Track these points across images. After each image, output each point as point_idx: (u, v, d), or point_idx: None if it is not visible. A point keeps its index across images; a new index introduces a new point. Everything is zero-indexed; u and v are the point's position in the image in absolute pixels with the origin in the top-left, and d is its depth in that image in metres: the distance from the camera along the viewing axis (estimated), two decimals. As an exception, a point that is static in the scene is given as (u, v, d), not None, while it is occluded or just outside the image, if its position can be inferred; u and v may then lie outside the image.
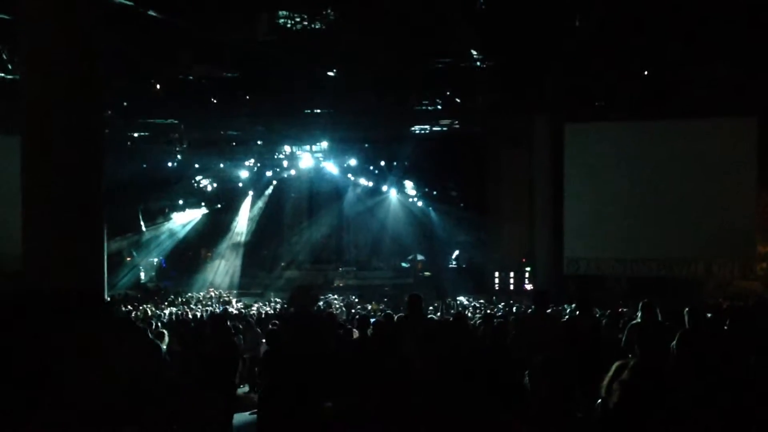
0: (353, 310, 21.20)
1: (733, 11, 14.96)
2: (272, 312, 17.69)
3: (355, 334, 9.07)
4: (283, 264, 35.62)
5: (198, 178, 34.79)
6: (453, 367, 2.79)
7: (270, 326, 10.94)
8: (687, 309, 6.98)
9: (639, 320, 7.56)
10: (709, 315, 9.14)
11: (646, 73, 19.14)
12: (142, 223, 32.74)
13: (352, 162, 32.14)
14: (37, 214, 8.69)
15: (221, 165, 32.97)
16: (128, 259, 32.66)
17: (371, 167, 33.10)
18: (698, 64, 17.93)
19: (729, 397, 3.58)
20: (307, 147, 31.35)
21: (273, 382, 6.74)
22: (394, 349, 5.19)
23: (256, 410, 8.67)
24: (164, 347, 8.41)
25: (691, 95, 19.61)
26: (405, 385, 2.75)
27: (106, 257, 9.24)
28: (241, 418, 8.63)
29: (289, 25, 16.70)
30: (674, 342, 6.35)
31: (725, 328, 7.22)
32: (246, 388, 11.91)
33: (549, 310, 9.30)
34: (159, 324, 11.75)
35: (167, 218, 34.51)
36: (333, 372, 5.21)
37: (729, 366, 4.59)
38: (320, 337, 6.50)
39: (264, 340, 10.35)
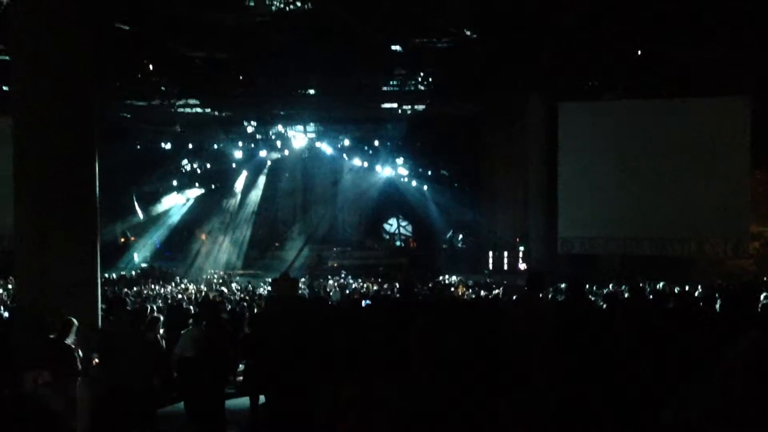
0: (347, 291, 21.26)
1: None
2: (266, 294, 17.72)
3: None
4: (277, 244, 35.62)
5: (192, 158, 34.68)
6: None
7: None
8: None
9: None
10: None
11: (639, 52, 19.08)
12: (136, 204, 32.63)
13: (346, 142, 32.06)
14: (28, 198, 8.65)
15: (215, 146, 32.90)
16: (122, 240, 32.62)
17: (365, 147, 32.99)
18: (692, 43, 17.88)
19: None
20: (300, 127, 31.28)
21: (254, 362, 6.84)
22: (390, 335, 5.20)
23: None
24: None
25: (684, 75, 19.57)
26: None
27: (99, 240, 9.20)
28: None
29: (280, 6, 16.61)
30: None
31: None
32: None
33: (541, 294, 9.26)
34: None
35: (161, 199, 34.41)
36: (318, 352, 5.26)
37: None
38: (301, 320, 6.57)
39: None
